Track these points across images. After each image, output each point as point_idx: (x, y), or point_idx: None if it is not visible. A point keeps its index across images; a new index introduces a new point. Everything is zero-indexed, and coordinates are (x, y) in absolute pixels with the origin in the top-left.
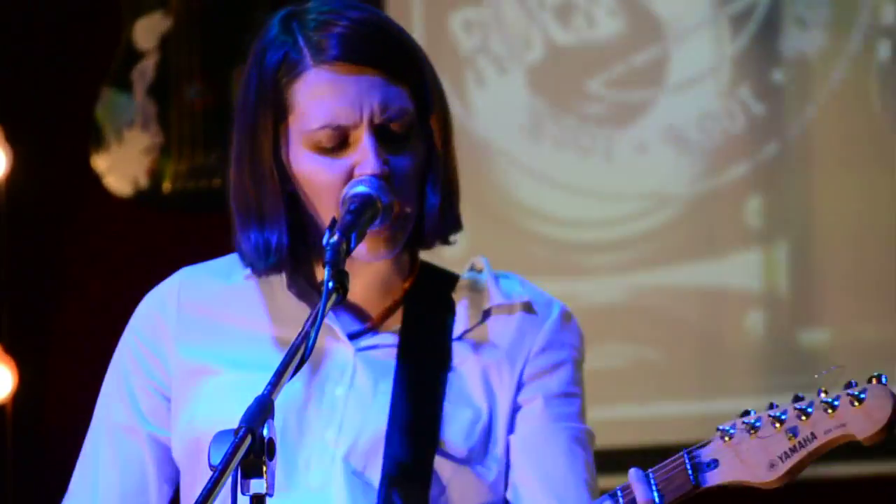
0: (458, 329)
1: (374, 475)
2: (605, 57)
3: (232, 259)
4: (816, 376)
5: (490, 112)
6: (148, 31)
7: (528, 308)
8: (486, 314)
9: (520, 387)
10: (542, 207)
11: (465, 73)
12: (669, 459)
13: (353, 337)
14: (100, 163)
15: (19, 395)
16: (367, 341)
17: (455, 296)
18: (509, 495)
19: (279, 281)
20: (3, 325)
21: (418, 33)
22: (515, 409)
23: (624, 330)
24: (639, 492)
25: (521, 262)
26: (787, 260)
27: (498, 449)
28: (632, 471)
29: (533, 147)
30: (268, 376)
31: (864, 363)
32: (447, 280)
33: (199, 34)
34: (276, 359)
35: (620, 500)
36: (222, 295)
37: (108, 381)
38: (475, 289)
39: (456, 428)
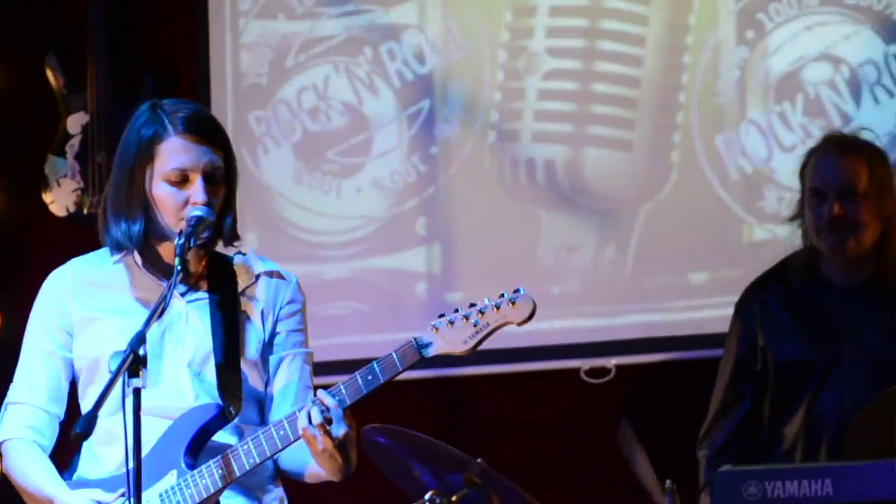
0: (240, 287)
1: (207, 373)
2: (337, 138)
3: (102, 252)
4: (487, 299)
5: (271, 169)
6: (75, 123)
7: (280, 276)
8: (257, 278)
9: (276, 321)
10: (301, 223)
11: (257, 147)
12: (403, 343)
13: (183, 294)
14: (47, 198)
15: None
16: (190, 297)
17: (235, 268)
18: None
19: (135, 262)
20: None
21: (231, 122)
22: (274, 334)
23: (348, 294)
24: (389, 361)
25: (290, 255)
26: (440, 253)
27: (268, 358)
28: (389, 353)
29: (296, 189)
30: (131, 320)
31: None
32: (226, 259)
33: (105, 125)
34: (137, 309)
35: (376, 367)
36: (99, 272)
37: (32, 322)
38: (247, 263)
39: (250, 344)
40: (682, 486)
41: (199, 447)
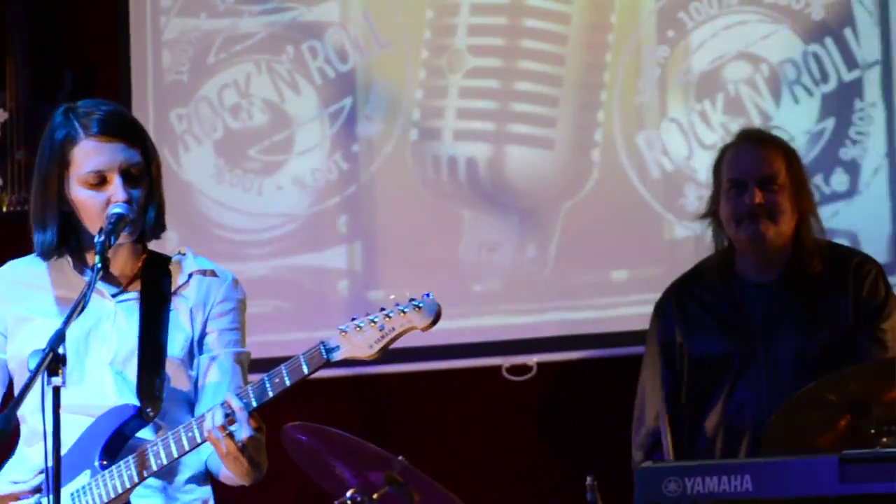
0: (174, 286)
1: (129, 372)
2: (259, 135)
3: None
4: (392, 296)
5: (193, 167)
6: None
7: (214, 274)
8: (190, 276)
9: (207, 321)
10: (222, 221)
11: (179, 144)
12: (311, 347)
13: (114, 296)
14: None
15: None
16: (121, 297)
17: (171, 268)
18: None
19: (67, 264)
20: None
21: (152, 120)
22: (204, 335)
23: (269, 291)
24: (296, 365)
25: (211, 253)
26: (361, 251)
27: (196, 358)
28: (296, 357)
29: (217, 187)
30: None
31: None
32: (164, 259)
33: (24, 121)
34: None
35: (284, 370)
36: (32, 273)
37: None
38: (182, 263)
39: (175, 344)
40: (602, 483)
41: (115, 448)
